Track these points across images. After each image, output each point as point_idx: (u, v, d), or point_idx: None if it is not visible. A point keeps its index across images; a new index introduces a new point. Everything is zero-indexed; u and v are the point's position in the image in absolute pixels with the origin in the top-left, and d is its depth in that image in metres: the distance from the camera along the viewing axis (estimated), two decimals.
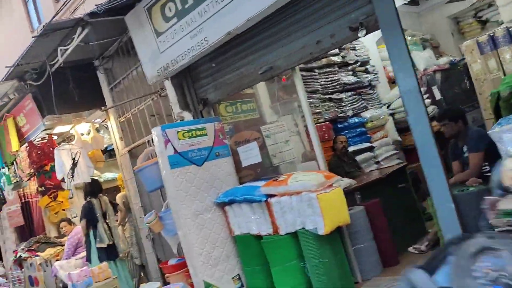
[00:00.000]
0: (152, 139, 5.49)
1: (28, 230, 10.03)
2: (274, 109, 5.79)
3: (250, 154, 4.74)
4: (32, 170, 6.09)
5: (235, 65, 4.44)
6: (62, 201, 8.15)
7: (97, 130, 6.43)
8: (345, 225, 3.97)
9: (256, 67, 4.22)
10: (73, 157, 5.44)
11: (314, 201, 3.69)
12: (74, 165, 5.48)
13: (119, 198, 6.49)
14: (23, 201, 10.08)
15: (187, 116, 5.00)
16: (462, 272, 1.83)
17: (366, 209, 4.17)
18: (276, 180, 4.09)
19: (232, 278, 4.46)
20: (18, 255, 7.27)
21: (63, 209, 8.18)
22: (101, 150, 6.84)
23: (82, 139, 6.03)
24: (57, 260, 7.31)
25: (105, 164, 9.11)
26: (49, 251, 7.17)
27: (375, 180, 4.65)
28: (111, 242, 5.92)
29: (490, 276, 1.75)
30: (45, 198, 8.15)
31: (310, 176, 3.85)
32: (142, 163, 5.31)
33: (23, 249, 7.29)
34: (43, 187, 8.03)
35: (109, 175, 9.06)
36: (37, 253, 7.14)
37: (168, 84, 4.97)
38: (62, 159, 5.68)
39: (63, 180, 5.90)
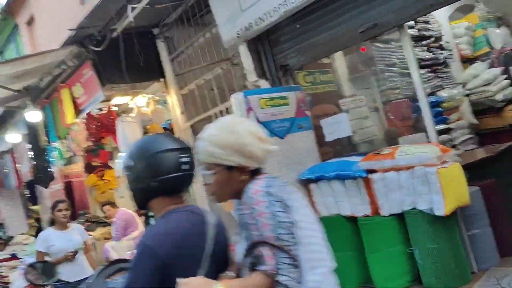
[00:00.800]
0: (220, 111, 5.09)
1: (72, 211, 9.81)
2: (352, 82, 5.28)
3: (337, 127, 4.26)
4: (88, 144, 5.73)
5: (327, 25, 3.93)
6: (110, 180, 7.84)
7: (156, 104, 6.03)
8: (460, 207, 3.44)
9: (355, 25, 3.71)
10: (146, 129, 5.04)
11: (432, 177, 3.18)
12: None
13: None
14: (66, 181, 9.88)
15: (264, 85, 4.54)
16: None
17: (481, 190, 3.62)
18: (378, 153, 3.59)
19: None
20: None
21: (110, 189, 7.87)
22: None
23: (142, 112, 5.64)
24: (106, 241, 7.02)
25: None
26: (100, 230, 6.85)
27: (486, 158, 4.10)
28: None
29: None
30: (92, 177, 7.87)
31: (425, 148, 3.34)
32: None
33: None
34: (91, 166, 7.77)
35: None
36: (88, 233, 6.81)
37: (243, 50, 4.52)
38: (125, 131, 5.29)
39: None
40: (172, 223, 1.75)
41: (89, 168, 7.87)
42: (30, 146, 7.53)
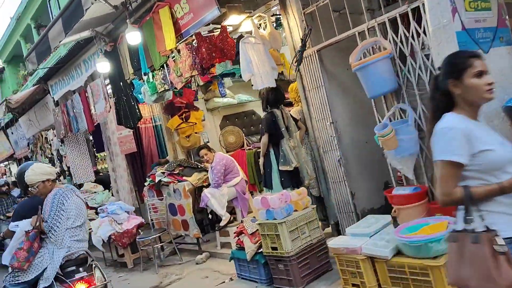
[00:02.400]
0: (360, 32, 4.13)
1: (139, 158, 9.17)
2: None
3: None
4: (193, 73, 4.86)
5: None
6: (196, 123, 7.04)
7: (273, 26, 5.07)
8: None
9: None
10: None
11: None
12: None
13: (294, 113, 5.20)
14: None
15: None
16: None
17: None
18: None
19: None
20: (157, 180, 6.26)
21: (196, 133, 7.08)
22: None
23: (260, 33, 4.71)
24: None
25: (234, 85, 7.90)
26: (196, 176, 6.11)
27: None
28: (298, 164, 4.71)
29: None
30: (175, 119, 7.08)
31: None
32: (365, 59, 3.95)
33: (163, 172, 6.26)
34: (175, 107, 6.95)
35: (243, 97, 7.83)
36: (183, 178, 6.09)
37: None
38: (248, 54, 4.39)
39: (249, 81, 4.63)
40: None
41: (171, 109, 7.06)
42: (110, 81, 6.73)
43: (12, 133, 12.31)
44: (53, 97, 8.92)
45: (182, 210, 6.06)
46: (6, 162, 18.22)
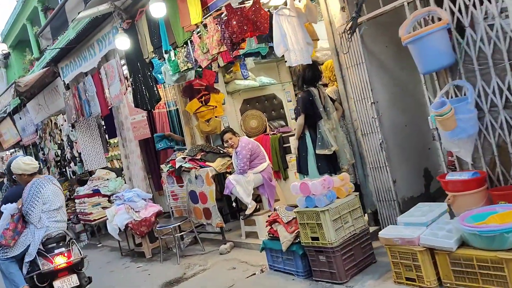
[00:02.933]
0: (410, 1, 3.76)
1: (153, 145, 8.84)
2: None
3: None
4: (222, 48, 4.47)
5: None
6: (216, 107, 6.67)
7: None
8: None
9: None
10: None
11: None
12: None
13: (330, 93, 4.82)
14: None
15: None
16: None
17: None
18: None
19: None
20: (177, 166, 5.91)
21: (216, 117, 6.71)
22: None
23: (296, 6, 4.32)
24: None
25: (255, 67, 7.52)
26: (220, 161, 5.76)
27: None
28: (337, 148, 4.35)
29: None
30: (194, 102, 6.71)
31: None
32: (419, 31, 3.57)
33: (183, 158, 5.91)
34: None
35: (264, 79, 7.45)
36: (206, 163, 5.74)
37: None
38: (283, 27, 4.01)
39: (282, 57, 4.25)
40: None
41: (189, 92, 6.68)
42: (126, 61, 6.35)
43: (20, 118, 11.93)
44: (63, 80, 8.56)
45: (204, 198, 5.71)
46: (12, 150, 17.91)
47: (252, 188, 5.45)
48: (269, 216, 4.53)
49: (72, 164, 9.82)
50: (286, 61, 4.31)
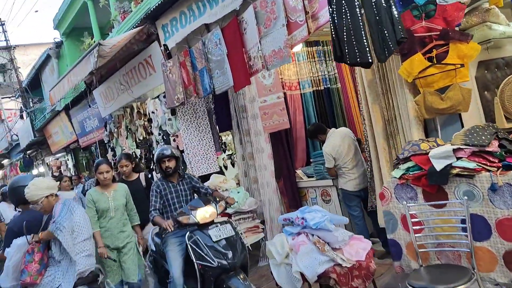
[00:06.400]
0: None
1: (285, 141, 6.09)
2: None
3: None
4: None
5: None
6: (460, 66, 3.81)
7: None
8: None
9: None
10: None
11: None
12: None
13: None
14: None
15: None
16: None
17: None
18: None
19: None
20: (439, 165, 3.05)
21: (459, 83, 3.84)
22: None
23: None
24: None
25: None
26: None
27: None
28: None
29: None
30: (417, 59, 3.88)
31: None
32: None
33: (455, 150, 3.06)
34: None
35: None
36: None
37: None
38: None
39: None
40: None
41: (408, 43, 3.85)
42: None
43: (89, 106, 9.03)
44: (165, 44, 5.87)
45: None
46: (60, 154, 15.48)
47: None
48: None
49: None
50: None
